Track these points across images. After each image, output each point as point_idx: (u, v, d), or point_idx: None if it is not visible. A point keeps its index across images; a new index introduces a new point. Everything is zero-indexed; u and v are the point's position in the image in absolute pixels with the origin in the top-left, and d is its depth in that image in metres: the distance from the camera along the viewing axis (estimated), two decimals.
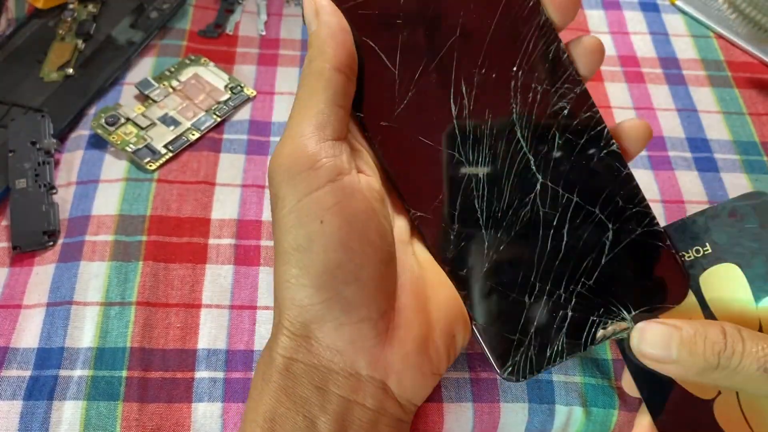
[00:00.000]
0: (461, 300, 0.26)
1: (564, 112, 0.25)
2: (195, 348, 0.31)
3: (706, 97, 0.42)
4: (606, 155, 0.26)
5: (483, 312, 0.26)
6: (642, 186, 0.38)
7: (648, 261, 0.25)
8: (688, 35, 0.46)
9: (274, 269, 0.24)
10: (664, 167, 0.39)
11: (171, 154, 0.37)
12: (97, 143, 0.37)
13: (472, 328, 0.26)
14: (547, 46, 0.25)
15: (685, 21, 0.47)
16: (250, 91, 0.40)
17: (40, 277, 0.33)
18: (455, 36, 0.25)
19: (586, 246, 0.25)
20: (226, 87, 0.40)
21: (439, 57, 0.25)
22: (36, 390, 0.29)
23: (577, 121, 0.25)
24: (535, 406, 0.30)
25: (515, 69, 0.25)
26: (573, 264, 0.25)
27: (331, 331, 0.23)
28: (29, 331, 0.31)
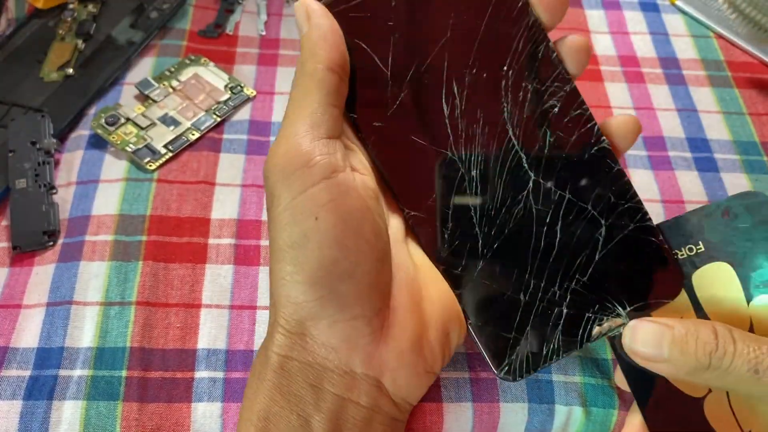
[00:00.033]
0: (456, 298, 0.26)
1: (554, 110, 0.26)
2: (195, 348, 0.31)
3: (706, 97, 0.42)
4: (597, 152, 0.26)
5: (478, 311, 0.26)
6: (642, 186, 0.38)
7: (641, 256, 0.26)
8: (688, 35, 0.46)
9: (269, 267, 0.24)
10: (664, 167, 0.39)
11: (171, 154, 0.37)
12: (97, 143, 0.37)
13: (467, 327, 0.26)
14: (536, 45, 0.26)
15: (685, 21, 0.47)
16: (250, 91, 0.40)
17: (40, 277, 0.33)
18: (446, 37, 0.26)
19: (579, 243, 0.26)
20: (226, 87, 0.40)
21: (431, 58, 0.26)
22: (36, 390, 0.29)
23: (568, 119, 0.26)
24: (535, 406, 0.30)
25: (506, 68, 0.26)
26: (567, 261, 0.26)
27: (326, 329, 0.23)
28: (29, 331, 0.31)
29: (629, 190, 0.26)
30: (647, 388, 0.25)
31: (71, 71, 0.40)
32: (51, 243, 0.34)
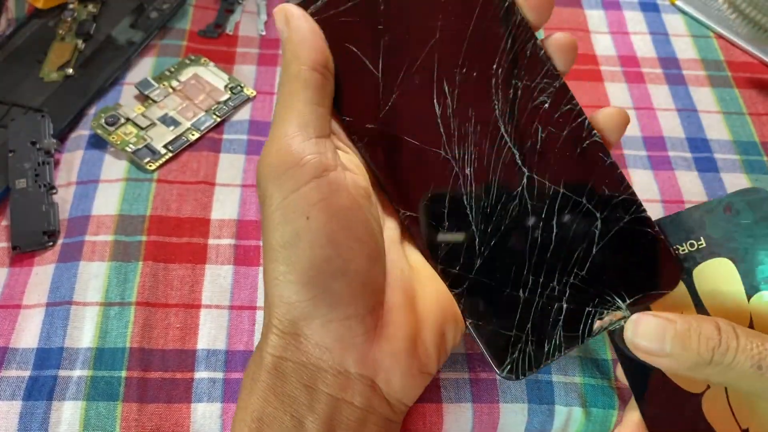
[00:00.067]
0: (452, 299, 0.26)
1: (545, 106, 0.26)
2: (194, 348, 0.31)
3: (706, 97, 0.42)
4: (588, 145, 0.26)
5: (477, 309, 0.26)
6: (642, 186, 0.38)
7: (638, 248, 0.26)
8: (688, 35, 0.46)
9: (263, 268, 0.24)
10: (664, 167, 0.39)
11: (171, 154, 0.37)
12: (97, 143, 0.37)
13: (467, 327, 0.26)
14: (524, 44, 0.26)
15: (685, 21, 0.47)
16: (250, 91, 0.40)
17: (39, 277, 0.33)
18: (435, 38, 0.26)
19: (576, 236, 0.26)
20: (226, 87, 0.40)
21: (421, 59, 0.26)
22: (35, 390, 0.29)
23: (558, 114, 0.26)
24: (535, 406, 0.30)
25: (495, 67, 0.26)
26: (564, 255, 0.26)
27: (319, 328, 0.23)
28: (29, 331, 0.31)
29: (623, 182, 0.26)
30: (645, 383, 0.25)
31: (71, 71, 0.40)
32: (51, 243, 0.34)
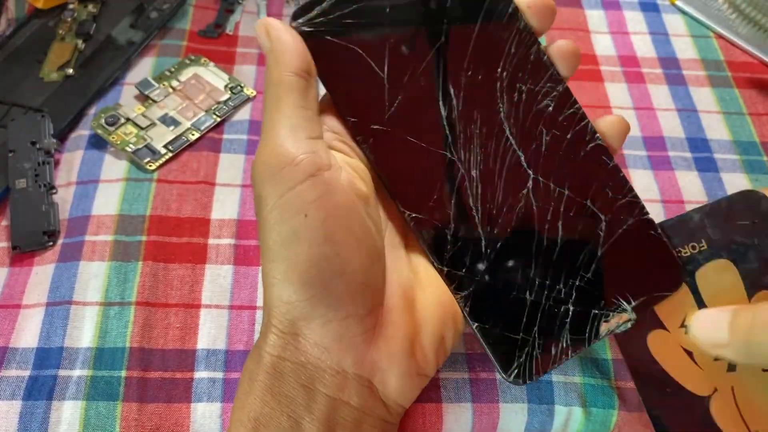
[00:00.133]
0: (451, 302, 0.26)
1: (549, 109, 0.26)
2: (194, 348, 0.31)
3: (706, 97, 0.42)
4: (592, 148, 0.26)
5: (483, 313, 0.26)
6: (642, 186, 0.38)
7: (642, 250, 0.26)
8: (688, 35, 0.46)
9: (261, 269, 0.24)
10: (664, 167, 0.39)
11: (171, 154, 0.37)
12: (97, 143, 0.37)
13: (473, 331, 0.26)
14: (528, 48, 0.26)
15: (685, 21, 0.47)
16: (250, 91, 0.40)
17: (39, 277, 0.33)
18: (440, 41, 0.26)
19: (581, 239, 0.26)
20: (226, 87, 0.40)
21: (427, 61, 0.26)
22: (35, 390, 0.29)
23: (562, 117, 0.26)
24: (535, 406, 0.30)
25: (500, 71, 0.26)
26: (570, 258, 0.26)
27: (319, 328, 0.23)
28: (28, 331, 0.31)
29: (626, 185, 0.26)
30: (653, 386, 0.25)
31: (71, 71, 0.40)
32: (51, 243, 0.34)
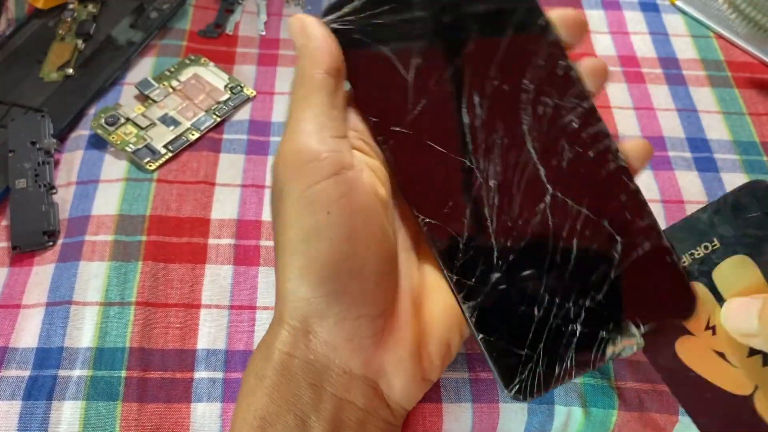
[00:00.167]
0: (458, 310, 0.25)
1: (573, 125, 0.26)
2: (194, 348, 0.31)
3: (706, 97, 0.42)
4: (614, 169, 0.26)
5: (490, 325, 0.25)
6: (642, 186, 0.38)
7: (656, 275, 0.25)
8: (688, 35, 0.46)
9: (275, 263, 0.24)
10: (664, 167, 0.39)
11: (171, 154, 0.37)
12: (97, 143, 0.37)
13: (478, 343, 0.25)
14: (557, 62, 0.26)
15: (685, 21, 0.47)
16: (249, 91, 0.40)
17: (39, 277, 0.33)
18: (469, 48, 0.26)
19: (595, 259, 0.25)
20: (225, 87, 0.40)
21: (453, 67, 0.26)
22: (35, 390, 0.29)
23: (586, 135, 0.26)
24: (534, 406, 0.30)
25: (527, 82, 0.26)
26: (582, 277, 0.25)
27: (331, 326, 0.23)
28: (28, 331, 0.31)
29: (645, 207, 0.25)
30: (693, 395, 0.25)
31: (71, 71, 0.40)
32: (51, 243, 0.34)
